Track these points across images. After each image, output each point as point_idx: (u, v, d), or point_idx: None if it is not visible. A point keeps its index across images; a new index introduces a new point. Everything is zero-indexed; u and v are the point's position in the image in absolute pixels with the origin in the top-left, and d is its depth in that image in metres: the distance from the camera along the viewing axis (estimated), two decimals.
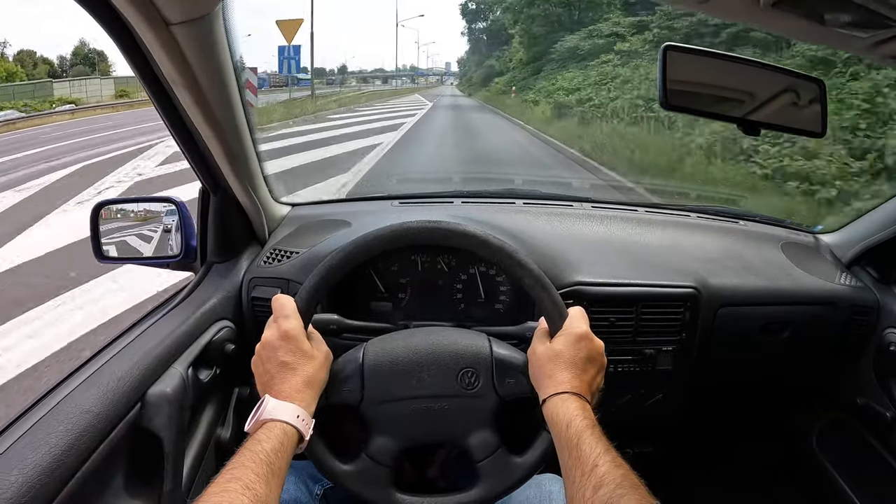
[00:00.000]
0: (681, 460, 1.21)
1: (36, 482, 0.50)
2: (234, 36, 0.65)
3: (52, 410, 0.57)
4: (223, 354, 0.81)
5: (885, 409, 0.96)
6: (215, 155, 0.77)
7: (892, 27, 0.50)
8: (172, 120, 0.71)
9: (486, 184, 2.03)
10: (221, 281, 0.89)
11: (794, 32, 0.69)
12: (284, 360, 0.60)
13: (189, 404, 0.72)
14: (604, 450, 0.53)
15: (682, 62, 0.60)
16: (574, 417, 0.56)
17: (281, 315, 0.62)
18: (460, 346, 0.66)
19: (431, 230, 0.68)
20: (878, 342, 0.97)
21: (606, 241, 1.02)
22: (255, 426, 0.56)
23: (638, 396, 0.98)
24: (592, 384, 0.62)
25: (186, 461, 0.72)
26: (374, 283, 0.92)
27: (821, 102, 0.67)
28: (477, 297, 0.92)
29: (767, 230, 1.14)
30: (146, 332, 0.75)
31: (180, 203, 0.90)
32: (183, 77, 0.62)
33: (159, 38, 0.56)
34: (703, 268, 0.96)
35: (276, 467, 0.52)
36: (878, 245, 0.98)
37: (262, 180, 0.93)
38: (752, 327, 0.96)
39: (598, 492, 0.49)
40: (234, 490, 0.47)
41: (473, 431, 0.64)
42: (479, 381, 0.65)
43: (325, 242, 0.93)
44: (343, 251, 0.66)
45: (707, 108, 0.66)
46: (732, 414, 1.22)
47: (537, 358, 0.63)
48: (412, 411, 0.64)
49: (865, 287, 1.00)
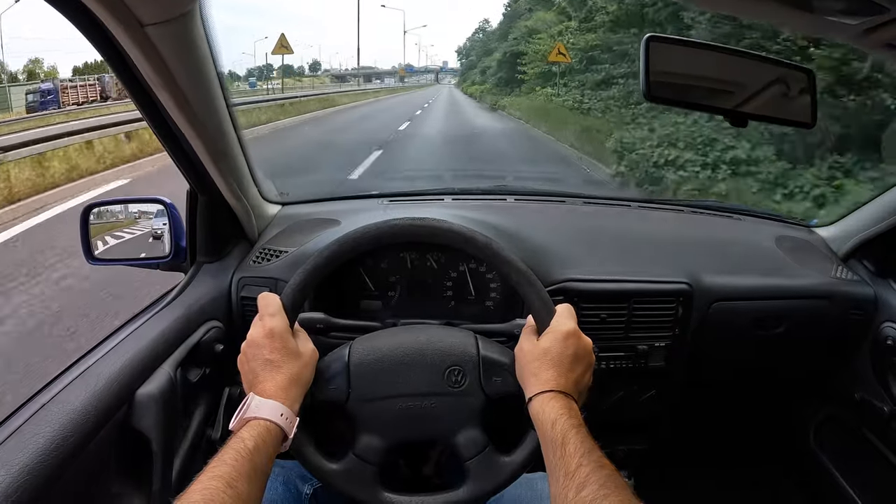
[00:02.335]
0: (675, 456, 1.21)
1: (23, 483, 0.50)
2: (214, 35, 0.64)
3: (39, 411, 0.58)
4: (212, 354, 0.81)
5: (883, 404, 0.95)
6: (200, 155, 0.77)
7: (882, 13, 0.48)
8: (156, 121, 0.71)
9: (477, 181, 2.01)
10: (211, 281, 0.89)
11: (782, 21, 0.68)
12: (269, 359, 0.60)
13: (178, 404, 0.72)
14: (588, 450, 0.52)
15: (666, 53, 0.59)
16: (559, 416, 0.55)
17: (266, 313, 0.62)
18: (447, 345, 0.66)
19: (417, 227, 0.67)
20: (874, 336, 0.96)
21: (598, 237, 1.02)
22: (239, 424, 0.56)
23: (631, 393, 0.97)
24: (580, 383, 0.61)
25: (175, 461, 0.73)
26: (363, 282, 0.92)
27: (810, 92, 0.66)
28: (467, 295, 0.92)
29: (761, 224, 1.13)
30: (135, 333, 0.75)
31: (169, 204, 0.90)
32: (162, 78, 0.62)
33: (135, 40, 0.55)
34: (696, 263, 0.95)
35: (259, 465, 0.52)
36: (875, 238, 0.97)
37: (250, 180, 0.93)
38: (746, 322, 0.95)
39: (581, 492, 0.49)
40: (215, 488, 0.47)
41: (460, 430, 0.64)
42: (465, 379, 0.64)
43: (314, 241, 0.93)
44: (328, 249, 0.66)
45: (693, 100, 0.65)
46: (727, 410, 1.21)
47: (524, 356, 0.63)
48: (399, 409, 0.64)
49: (862, 281, 0.98)
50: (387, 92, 31.79)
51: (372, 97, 24.24)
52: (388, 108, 17.22)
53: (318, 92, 23.78)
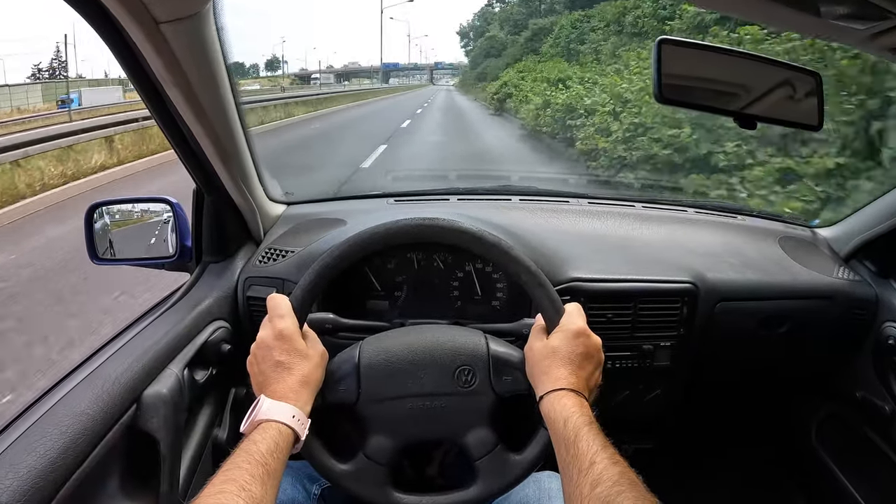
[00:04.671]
0: (680, 455, 1.21)
1: (31, 486, 0.49)
2: (226, 35, 0.64)
3: (46, 414, 0.57)
4: (219, 355, 0.81)
5: (884, 403, 0.95)
6: (208, 155, 0.77)
7: (889, 18, 0.49)
8: (165, 120, 0.71)
9: (482, 181, 2.01)
10: (217, 281, 0.89)
11: (789, 25, 0.69)
12: (279, 360, 0.60)
13: (185, 405, 0.72)
14: (601, 447, 0.52)
15: (677, 55, 0.60)
16: (571, 414, 0.56)
17: (276, 314, 0.62)
18: (457, 344, 0.66)
19: (426, 227, 0.67)
20: (876, 336, 0.97)
21: (603, 237, 1.02)
22: (251, 427, 0.56)
23: (636, 392, 0.98)
24: (590, 381, 0.62)
25: (183, 462, 0.72)
26: (370, 282, 0.92)
27: (817, 95, 0.66)
28: (473, 295, 0.92)
29: (765, 225, 1.14)
30: (141, 334, 0.74)
31: (175, 203, 0.90)
32: (174, 76, 0.62)
33: (149, 37, 0.55)
34: (700, 263, 0.95)
35: (272, 468, 0.52)
36: (876, 238, 0.98)
37: (256, 180, 0.92)
38: (750, 322, 0.95)
39: (595, 489, 0.49)
40: (229, 492, 0.47)
41: (471, 429, 0.64)
42: (475, 378, 0.64)
43: (320, 241, 0.92)
44: (338, 249, 0.66)
45: (702, 102, 0.65)
46: (731, 408, 1.22)
47: (534, 355, 0.63)
48: (409, 410, 0.64)
49: (864, 281, 0.99)
50: (350, 99, 21.47)
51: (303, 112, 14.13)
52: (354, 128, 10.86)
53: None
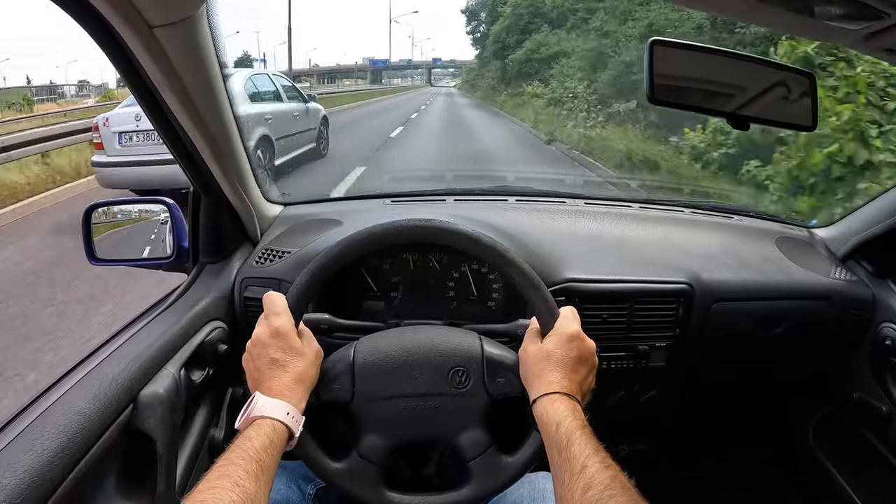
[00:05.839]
0: (676, 456, 1.21)
1: (28, 485, 0.50)
2: (220, 38, 0.64)
3: (43, 413, 0.58)
4: (216, 355, 0.81)
5: (881, 403, 0.95)
6: (204, 157, 0.77)
7: (883, 19, 0.49)
8: (161, 123, 0.71)
9: (479, 181, 2.00)
10: (213, 281, 0.89)
11: (783, 26, 0.69)
12: (275, 358, 0.60)
13: (181, 405, 0.72)
14: (593, 451, 0.52)
15: (669, 56, 0.60)
16: (564, 418, 0.56)
17: (272, 312, 0.62)
18: (451, 345, 0.66)
19: (422, 228, 0.67)
20: (873, 336, 0.97)
21: (599, 238, 1.02)
22: (245, 423, 0.56)
23: (632, 393, 0.98)
24: (583, 384, 0.62)
25: (180, 462, 0.73)
26: (366, 282, 0.92)
27: (811, 96, 0.67)
28: (469, 296, 0.92)
29: (761, 225, 1.14)
30: (138, 334, 0.75)
31: (172, 204, 0.90)
32: (168, 79, 0.62)
33: (143, 41, 0.55)
34: (696, 263, 0.95)
35: (266, 464, 0.52)
36: (873, 239, 0.97)
37: (252, 181, 0.93)
38: (746, 323, 0.95)
39: (586, 493, 0.49)
40: (223, 487, 0.47)
41: (464, 430, 0.64)
42: (469, 380, 0.65)
43: (317, 242, 0.93)
44: (334, 249, 0.66)
45: (695, 103, 0.65)
46: (728, 409, 1.22)
47: (528, 358, 0.63)
48: (402, 409, 0.64)
49: (860, 281, 0.99)
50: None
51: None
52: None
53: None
